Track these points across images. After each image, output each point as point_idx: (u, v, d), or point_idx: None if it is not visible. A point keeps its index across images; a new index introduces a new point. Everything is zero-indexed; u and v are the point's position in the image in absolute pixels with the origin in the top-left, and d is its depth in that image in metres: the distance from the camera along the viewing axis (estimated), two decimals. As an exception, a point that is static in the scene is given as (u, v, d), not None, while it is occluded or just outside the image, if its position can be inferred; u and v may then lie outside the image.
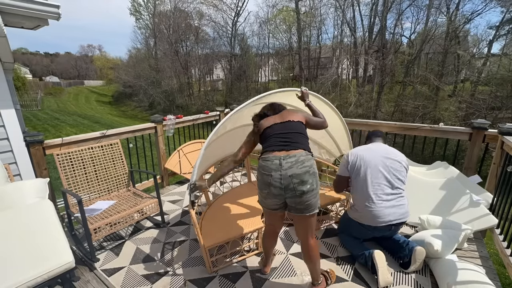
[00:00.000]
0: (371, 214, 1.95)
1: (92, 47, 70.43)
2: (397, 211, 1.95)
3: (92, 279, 1.95)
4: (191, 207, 1.83)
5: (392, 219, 1.93)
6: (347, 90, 16.34)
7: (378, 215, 1.93)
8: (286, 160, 1.45)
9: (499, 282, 1.81)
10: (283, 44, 21.89)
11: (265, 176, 1.48)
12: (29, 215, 1.73)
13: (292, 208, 1.52)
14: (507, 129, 2.32)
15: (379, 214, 1.93)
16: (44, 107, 21.65)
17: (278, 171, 1.43)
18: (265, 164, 1.50)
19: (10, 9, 1.81)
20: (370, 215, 1.96)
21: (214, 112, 4.33)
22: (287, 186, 1.43)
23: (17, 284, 1.24)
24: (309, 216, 1.52)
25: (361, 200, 2.01)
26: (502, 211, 2.21)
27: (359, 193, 2.03)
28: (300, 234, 1.64)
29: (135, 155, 4.08)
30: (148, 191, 3.12)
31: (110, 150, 2.70)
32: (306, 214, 1.50)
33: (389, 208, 1.94)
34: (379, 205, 1.93)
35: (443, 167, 2.73)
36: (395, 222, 1.94)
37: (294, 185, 1.42)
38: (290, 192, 1.44)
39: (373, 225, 1.97)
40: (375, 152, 2.07)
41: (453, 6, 13.78)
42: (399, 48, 16.26)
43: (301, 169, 1.43)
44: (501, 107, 10.65)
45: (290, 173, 1.42)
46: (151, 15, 27.46)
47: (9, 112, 2.20)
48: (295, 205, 1.48)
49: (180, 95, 24.68)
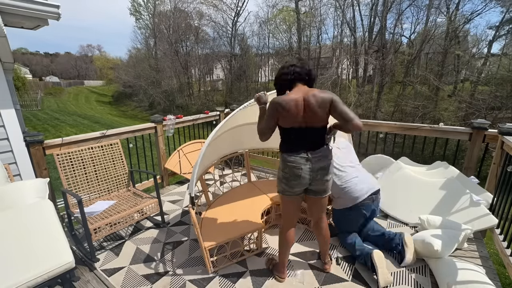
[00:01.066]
0: (350, 193, 2.12)
1: (92, 47, 70.50)
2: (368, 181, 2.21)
3: (92, 279, 1.95)
4: (191, 207, 1.83)
5: (368, 189, 2.13)
6: (347, 90, 16.33)
7: (356, 190, 2.12)
8: (313, 155, 1.57)
9: (499, 282, 1.81)
10: (283, 44, 21.88)
11: (295, 170, 1.57)
12: (29, 215, 1.73)
13: (311, 191, 1.67)
14: (507, 129, 2.33)
15: (356, 189, 2.12)
16: (44, 107, 21.64)
17: (308, 164, 1.57)
18: (294, 159, 1.57)
19: (10, 9, 1.81)
20: (350, 195, 2.12)
21: (214, 112, 4.33)
22: (315, 177, 1.60)
23: (17, 284, 1.24)
24: (325, 197, 1.72)
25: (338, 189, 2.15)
26: (502, 211, 2.21)
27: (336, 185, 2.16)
28: (315, 214, 1.81)
29: (135, 155, 4.08)
30: (148, 191, 3.12)
31: (110, 150, 2.70)
32: (323, 196, 1.70)
33: (361, 183, 2.15)
34: (352, 182, 2.14)
35: (443, 167, 2.73)
36: (372, 191, 2.13)
37: (320, 176, 1.60)
38: (317, 181, 1.62)
39: (358, 201, 2.10)
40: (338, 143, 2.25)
41: (453, 6, 13.79)
42: (399, 48, 16.26)
43: (326, 162, 1.61)
44: (501, 107, 10.65)
45: (318, 167, 1.58)
46: (151, 15, 27.45)
47: (9, 112, 2.20)
48: (316, 189, 1.65)
49: (180, 95, 24.67)
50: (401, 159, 3.04)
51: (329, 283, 1.85)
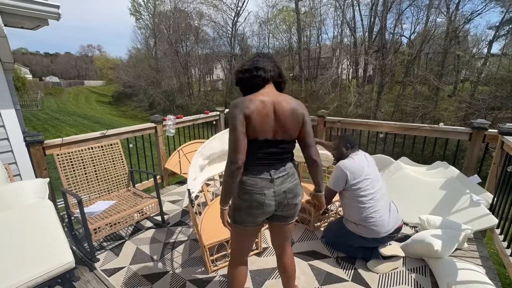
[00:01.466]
0: (374, 227, 1.90)
1: (92, 47, 70.53)
2: (394, 216, 1.99)
3: (92, 279, 1.95)
4: (191, 207, 1.83)
5: (392, 227, 1.95)
6: (347, 90, 16.34)
7: (382, 226, 1.90)
8: (277, 175, 1.26)
9: (499, 282, 1.81)
10: (283, 44, 21.93)
11: (256, 196, 1.24)
12: (29, 215, 1.73)
13: (275, 217, 1.36)
14: (507, 129, 2.33)
15: (382, 224, 1.90)
16: (44, 107, 21.63)
17: (271, 188, 1.25)
18: (255, 181, 1.24)
19: (10, 9, 1.81)
20: (373, 228, 1.90)
21: (214, 112, 4.33)
22: (281, 202, 1.29)
23: (18, 284, 1.24)
24: (291, 223, 1.42)
25: (359, 214, 1.93)
26: (502, 211, 2.21)
27: (356, 207, 1.94)
28: (279, 244, 1.49)
29: (135, 155, 4.08)
30: (148, 191, 3.12)
31: (110, 150, 2.70)
32: (290, 222, 1.39)
33: (388, 218, 1.94)
34: (380, 217, 1.90)
35: (443, 167, 2.73)
36: (395, 227, 1.96)
37: (288, 200, 1.30)
38: (284, 207, 1.31)
39: (377, 237, 1.92)
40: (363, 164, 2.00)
41: (453, 6, 13.81)
42: (399, 48, 16.26)
43: (293, 182, 1.30)
44: (501, 107, 10.66)
45: (284, 188, 1.28)
46: (151, 15, 27.45)
47: (9, 112, 2.20)
48: (282, 215, 1.34)
49: (180, 95, 24.67)
50: (401, 159, 3.04)
51: (329, 283, 1.85)
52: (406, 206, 2.61)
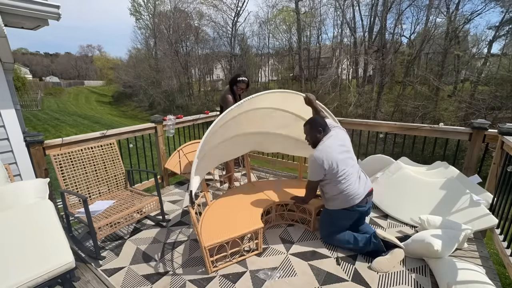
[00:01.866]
0: (349, 195, 2.06)
1: (92, 47, 70.49)
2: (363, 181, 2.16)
3: (92, 279, 1.95)
4: (191, 207, 1.83)
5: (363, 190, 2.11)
6: (347, 90, 16.34)
7: (356, 193, 2.07)
8: None
9: (499, 282, 1.81)
10: (283, 44, 21.91)
11: None
12: (29, 215, 1.73)
13: None
14: (507, 129, 2.33)
15: (356, 191, 2.07)
16: (44, 107, 21.64)
17: None
18: None
19: (10, 9, 1.81)
20: (349, 197, 2.07)
21: (214, 112, 4.33)
22: None
23: (18, 284, 1.24)
24: None
25: (337, 189, 2.08)
26: (502, 211, 2.21)
27: (334, 186, 2.08)
28: None
29: (135, 155, 4.09)
30: (149, 191, 3.11)
31: (108, 150, 2.70)
32: None
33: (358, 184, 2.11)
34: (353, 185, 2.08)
35: (443, 167, 2.73)
36: (367, 192, 2.12)
37: None
38: None
39: (354, 203, 2.07)
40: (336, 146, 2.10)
41: (453, 6, 13.81)
42: (399, 48, 16.26)
43: None
44: (501, 107, 10.66)
45: None
46: (151, 15, 27.46)
47: (9, 112, 2.20)
48: None
49: (180, 95, 24.67)
50: (401, 159, 3.04)
51: (329, 283, 1.85)
52: (406, 206, 2.62)
